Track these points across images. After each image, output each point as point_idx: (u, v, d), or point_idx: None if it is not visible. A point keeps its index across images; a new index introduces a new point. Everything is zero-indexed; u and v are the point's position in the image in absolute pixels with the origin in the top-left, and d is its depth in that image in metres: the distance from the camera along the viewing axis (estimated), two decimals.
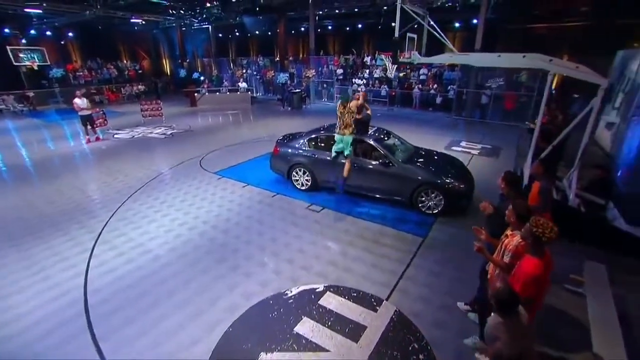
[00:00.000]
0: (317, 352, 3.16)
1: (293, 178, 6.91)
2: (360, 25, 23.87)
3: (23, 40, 20.40)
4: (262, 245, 5.02)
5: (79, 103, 10.52)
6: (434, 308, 3.74)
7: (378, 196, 6.22)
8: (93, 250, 4.94)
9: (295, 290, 3.99)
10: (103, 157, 9.60)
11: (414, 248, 4.90)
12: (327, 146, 6.53)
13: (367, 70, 19.44)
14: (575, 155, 5.58)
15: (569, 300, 3.75)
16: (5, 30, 19.83)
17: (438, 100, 15.97)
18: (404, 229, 5.42)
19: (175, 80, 25.72)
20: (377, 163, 6.00)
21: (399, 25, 6.83)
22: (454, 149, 9.74)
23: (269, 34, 25.47)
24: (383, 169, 5.94)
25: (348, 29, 25.12)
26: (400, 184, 5.86)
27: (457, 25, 19.63)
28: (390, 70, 9.68)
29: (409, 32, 7.35)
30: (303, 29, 25.11)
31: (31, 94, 18.37)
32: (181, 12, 21.25)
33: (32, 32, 21.11)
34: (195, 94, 18.53)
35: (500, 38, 16.71)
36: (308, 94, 19.03)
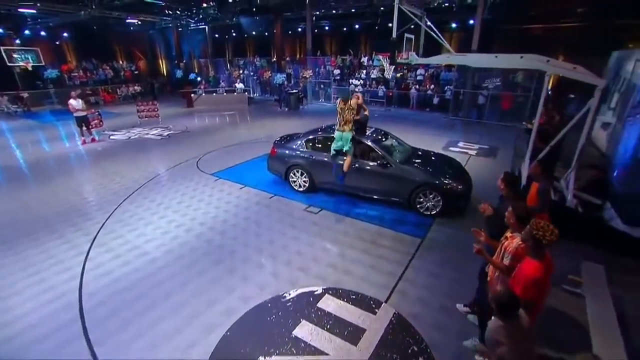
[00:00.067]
0: (316, 356, 3.14)
1: (291, 179, 6.88)
2: (357, 26, 23.88)
3: (17, 41, 20.23)
4: (260, 247, 4.99)
5: (74, 104, 10.43)
6: (433, 310, 3.72)
7: (376, 197, 6.20)
8: (89, 252, 4.89)
9: (293, 293, 3.96)
10: (99, 159, 9.51)
11: (413, 249, 4.88)
12: (325, 147, 6.50)
13: (364, 71, 19.46)
14: (572, 156, 5.60)
15: (568, 301, 3.75)
16: None
17: (435, 100, 16.02)
18: (403, 230, 5.41)
19: (172, 81, 25.60)
20: (375, 164, 5.98)
21: (397, 25, 6.82)
22: (451, 149, 9.76)
23: (266, 34, 25.37)
24: (381, 170, 5.93)
25: (345, 29, 25.11)
26: (398, 185, 5.85)
27: (454, 25, 19.68)
28: (388, 71, 9.67)
29: (406, 33, 7.34)
30: (300, 30, 25.09)
31: (25, 95, 18.21)
32: (177, 13, 21.17)
33: (26, 33, 20.95)
34: (192, 95, 18.45)
35: (496, 38, 16.77)
36: (305, 95, 19.02)
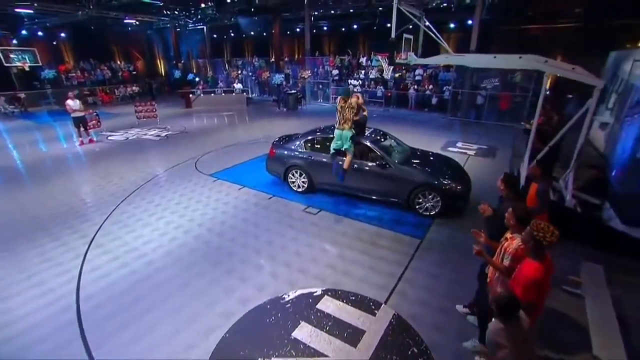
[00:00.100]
0: (316, 358, 3.12)
1: (289, 180, 6.86)
2: (355, 26, 23.90)
3: (14, 41, 20.10)
4: (259, 248, 4.97)
5: (71, 104, 10.37)
6: (433, 311, 3.71)
7: (375, 198, 6.19)
8: (86, 254, 4.85)
9: (292, 295, 3.94)
10: (97, 160, 9.46)
11: (412, 250, 4.87)
12: (324, 148, 6.49)
13: (363, 71, 19.46)
14: (571, 156, 5.60)
15: (568, 302, 3.75)
16: None
17: (434, 101, 16.03)
18: (402, 230, 5.40)
19: (170, 82, 25.49)
20: (374, 164, 5.97)
21: (395, 26, 6.82)
22: (450, 149, 9.76)
23: (264, 34, 25.34)
24: (380, 170, 5.92)
25: (343, 29, 25.13)
26: (397, 185, 5.84)
27: (452, 26, 19.72)
28: (387, 72, 9.67)
29: (405, 33, 7.34)
30: (298, 30, 25.10)
31: (22, 95, 18.09)
32: (175, 13, 21.10)
33: (23, 33, 20.83)
34: (190, 95, 18.39)
35: (495, 39, 16.82)
36: (304, 95, 19.01)
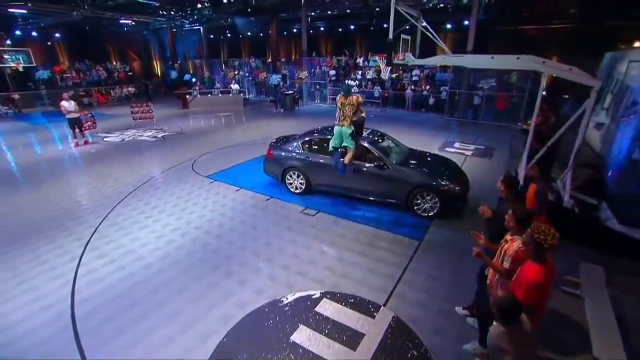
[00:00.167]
0: None
1: (287, 181, 6.83)
2: (352, 27, 23.90)
3: (7, 41, 19.94)
4: (256, 250, 4.93)
5: (66, 106, 10.27)
6: (432, 313, 3.69)
7: (373, 199, 6.17)
8: (81, 258, 4.79)
9: (290, 298, 3.90)
10: (92, 161, 9.37)
11: (411, 251, 4.85)
12: (322, 149, 6.47)
13: (360, 72, 19.47)
14: (567, 156, 5.62)
15: (567, 303, 3.74)
16: None
17: (431, 101, 16.05)
18: (400, 232, 5.38)
19: (167, 82, 25.40)
20: (372, 165, 5.95)
21: (393, 26, 6.79)
22: (447, 150, 9.77)
23: (261, 35, 25.31)
24: (378, 171, 5.90)
25: (340, 30, 25.12)
26: (396, 186, 5.82)
27: (449, 26, 19.78)
28: (385, 72, 9.65)
29: (402, 34, 7.32)
30: (295, 30, 25.05)
31: (16, 96, 17.93)
32: (171, 13, 21.02)
33: (17, 33, 20.64)
34: (187, 96, 18.31)
35: (491, 39, 16.89)
36: (301, 96, 18.97)
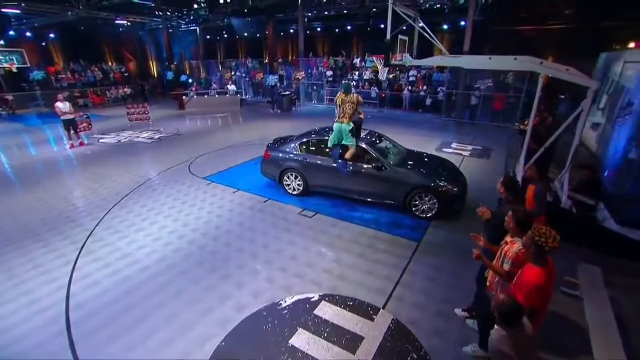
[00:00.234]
0: None
1: (284, 183, 6.79)
2: (349, 27, 23.90)
3: (1, 42, 19.66)
4: (254, 252, 4.89)
5: (61, 107, 10.17)
6: (432, 315, 3.67)
7: (371, 200, 6.15)
8: (76, 261, 4.72)
9: (289, 300, 3.87)
10: (88, 163, 9.27)
11: (409, 253, 4.83)
12: (319, 150, 6.45)
13: (357, 72, 19.46)
14: (564, 156, 5.63)
15: (566, 304, 3.73)
16: None
17: (428, 101, 16.08)
18: (398, 233, 5.36)
19: (163, 83, 25.21)
20: (370, 167, 5.93)
21: (390, 27, 6.79)
22: (444, 150, 9.78)
23: (258, 35, 25.25)
24: (376, 172, 5.88)
25: (337, 30, 25.11)
26: (394, 187, 5.80)
27: (445, 27, 19.84)
28: (382, 73, 9.66)
29: (400, 34, 7.32)
30: (292, 31, 25.00)
31: (10, 97, 17.72)
32: (167, 14, 20.89)
33: (11, 33, 20.43)
34: (183, 97, 18.22)
35: (487, 39, 16.94)
36: (298, 96, 18.94)
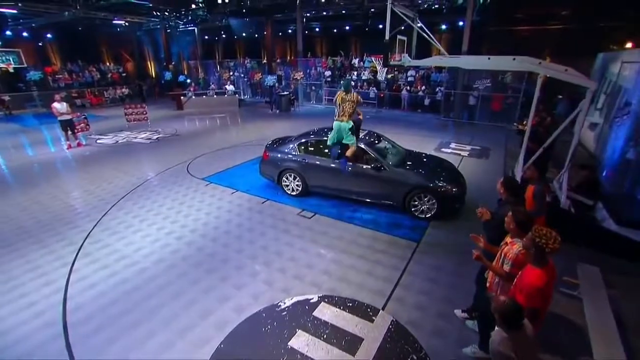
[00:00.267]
0: None
1: (283, 183, 6.77)
2: (347, 27, 23.93)
3: None
4: (253, 254, 4.87)
5: (58, 107, 10.11)
6: (431, 316, 3.66)
7: (370, 201, 6.14)
8: (74, 263, 4.69)
9: (288, 302, 3.85)
10: (85, 164, 9.23)
11: (409, 253, 4.83)
12: (318, 150, 6.44)
13: (355, 72, 19.46)
14: (562, 156, 5.64)
15: (565, 304, 3.73)
16: None
17: (426, 101, 16.09)
18: (398, 234, 5.35)
19: (161, 83, 25.13)
20: (369, 167, 5.92)
21: (389, 27, 6.79)
22: (443, 150, 9.78)
23: (256, 36, 25.22)
24: (375, 173, 5.86)
25: (335, 30, 25.13)
26: (393, 188, 5.79)
27: (443, 27, 19.89)
28: (381, 74, 9.65)
29: (398, 34, 7.32)
30: (290, 31, 25.00)
31: (7, 98, 17.63)
32: (165, 14, 20.82)
33: (8, 33, 20.32)
34: (182, 97, 18.15)
35: (485, 40, 16.99)
36: (296, 97, 18.92)
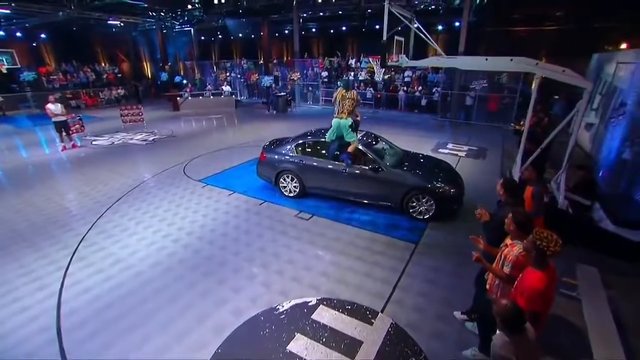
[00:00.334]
0: None
1: (281, 185, 6.74)
2: (344, 28, 23.92)
3: None
4: (250, 256, 4.82)
5: (52, 108, 9.99)
6: (431, 318, 3.64)
7: (368, 202, 6.12)
8: (68, 267, 4.62)
9: (286, 305, 3.81)
10: (80, 165, 9.13)
11: (407, 255, 4.80)
12: (315, 152, 6.41)
13: (352, 73, 19.45)
14: (559, 157, 5.65)
15: (564, 305, 3.72)
16: None
17: (423, 102, 16.11)
18: (396, 235, 5.33)
19: (157, 84, 24.97)
20: (367, 168, 5.89)
21: (386, 28, 6.78)
22: (441, 151, 9.78)
23: (253, 36, 25.17)
24: (372, 174, 5.84)
25: (332, 31, 25.12)
26: (391, 189, 5.77)
27: (440, 28, 19.96)
28: (378, 74, 9.64)
29: (396, 35, 7.31)
30: (287, 32, 24.95)
31: (0, 99, 17.43)
32: (161, 14, 20.71)
33: (1, 33, 20.10)
34: (178, 98, 18.04)
35: (482, 40, 17.06)
36: (293, 97, 18.87)
